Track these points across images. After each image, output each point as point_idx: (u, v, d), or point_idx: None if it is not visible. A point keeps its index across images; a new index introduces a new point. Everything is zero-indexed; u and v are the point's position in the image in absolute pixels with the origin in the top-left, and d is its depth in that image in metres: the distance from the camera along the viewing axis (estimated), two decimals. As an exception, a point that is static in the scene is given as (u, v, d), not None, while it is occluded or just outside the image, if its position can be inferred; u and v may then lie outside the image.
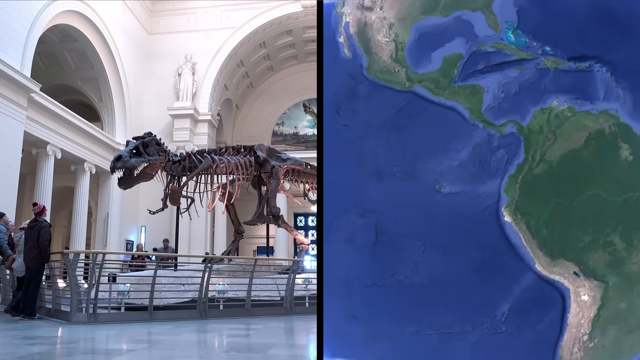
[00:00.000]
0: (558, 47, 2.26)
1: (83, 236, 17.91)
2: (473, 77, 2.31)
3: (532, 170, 2.20)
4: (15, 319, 7.57)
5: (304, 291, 9.47)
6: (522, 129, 2.24)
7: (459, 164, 2.25)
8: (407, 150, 2.30)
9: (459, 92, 2.30)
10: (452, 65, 2.33)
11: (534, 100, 2.24)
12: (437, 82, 2.33)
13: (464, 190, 2.23)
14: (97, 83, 19.50)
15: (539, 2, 2.31)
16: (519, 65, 2.28)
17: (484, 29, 2.32)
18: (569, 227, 2.14)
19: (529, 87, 2.25)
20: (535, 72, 2.26)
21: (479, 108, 2.28)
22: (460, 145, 2.27)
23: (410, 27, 2.40)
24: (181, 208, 9.30)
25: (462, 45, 2.34)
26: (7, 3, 13.27)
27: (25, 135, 14.05)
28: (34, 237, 7.65)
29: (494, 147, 2.24)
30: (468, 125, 2.27)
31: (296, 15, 21.91)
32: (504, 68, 2.29)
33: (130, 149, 7.89)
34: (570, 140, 2.20)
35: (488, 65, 2.30)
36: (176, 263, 10.28)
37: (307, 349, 5.22)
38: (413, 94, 2.34)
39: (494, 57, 2.30)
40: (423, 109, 2.32)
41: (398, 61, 2.40)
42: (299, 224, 26.05)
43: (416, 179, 2.27)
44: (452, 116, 2.30)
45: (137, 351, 4.92)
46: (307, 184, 11.22)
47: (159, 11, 22.72)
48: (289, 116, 26.54)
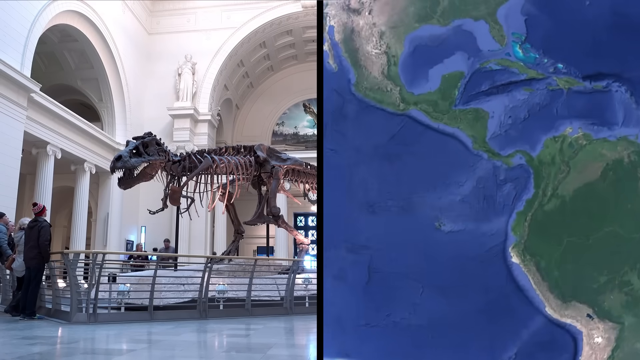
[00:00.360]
0: (572, 64, 2.01)
1: (83, 236, 17.91)
2: (476, 100, 2.06)
3: (542, 206, 1.99)
4: (15, 319, 7.57)
5: (304, 291, 9.47)
6: (532, 161, 2.00)
7: (461, 199, 2.03)
8: (403, 182, 2.07)
9: (461, 117, 2.06)
10: (452, 85, 2.08)
11: (545, 127, 2.00)
12: (436, 105, 2.08)
13: (466, 229, 2.02)
14: (97, 83, 19.51)
15: (550, 9, 2.04)
16: (528, 86, 2.03)
17: (488, 42, 2.06)
18: (582, 267, 1.95)
19: (539, 111, 2.02)
20: (546, 94, 2.01)
21: (483, 136, 2.04)
22: (462, 178, 2.04)
23: (403, 38, 2.13)
24: (181, 208, 9.30)
25: (463, 61, 2.08)
26: (7, 3, 13.27)
27: (25, 135, 14.05)
28: (34, 237, 7.65)
29: (501, 180, 2.02)
30: (471, 155, 2.04)
31: (296, 15, 21.91)
32: (511, 89, 2.04)
33: (130, 149, 7.89)
34: (586, 172, 1.98)
35: (493, 86, 2.05)
36: (176, 263, 10.28)
37: (307, 349, 5.22)
38: (408, 117, 2.10)
39: (500, 76, 2.05)
40: (420, 135, 2.08)
41: (391, 78, 2.13)
42: (299, 224, 26.05)
43: (413, 215, 2.05)
44: (452, 145, 2.05)
45: (137, 351, 4.92)
46: (307, 184, 11.22)
47: (159, 11, 22.72)
48: (289, 116, 26.54)
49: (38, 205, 8.17)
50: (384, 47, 2.16)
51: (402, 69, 2.14)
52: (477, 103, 2.07)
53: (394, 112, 2.12)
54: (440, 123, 2.08)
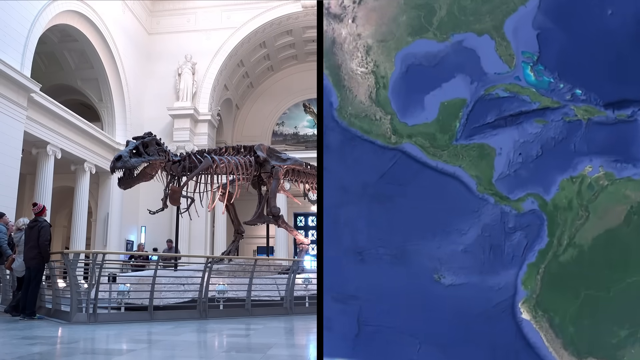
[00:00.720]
0: (592, 89, 1.73)
1: (83, 236, 17.92)
2: (481, 134, 1.79)
3: (557, 257, 1.76)
4: (15, 319, 7.57)
5: (304, 291, 9.47)
6: (546, 205, 1.76)
7: (464, 249, 1.80)
8: (395, 228, 1.83)
9: (463, 154, 1.80)
10: (452, 115, 1.81)
11: (561, 165, 1.75)
12: (433, 139, 1.82)
13: (470, 282, 1.79)
14: (97, 83, 19.51)
15: (566, 21, 1.75)
16: (541, 117, 1.76)
17: (494, 63, 1.78)
18: (601, 321, 1.75)
19: (554, 147, 1.75)
20: (562, 127, 1.75)
21: (489, 177, 1.79)
22: (464, 225, 1.79)
23: (394, 54, 1.85)
24: (181, 208, 9.30)
25: (465, 86, 1.80)
26: (7, 3, 13.28)
27: (25, 135, 14.05)
28: (34, 237, 7.65)
29: (509, 228, 1.77)
30: (475, 199, 1.79)
31: (296, 15, 21.92)
32: (521, 121, 1.77)
33: (130, 149, 7.90)
34: (607, 217, 1.73)
35: (501, 116, 1.78)
36: (176, 263, 10.28)
37: (307, 349, 5.22)
38: (401, 152, 1.83)
39: (509, 105, 1.78)
40: (415, 174, 1.82)
41: (380, 104, 1.85)
42: (299, 224, 26.05)
43: (408, 265, 1.82)
44: (453, 186, 1.80)
45: (137, 351, 4.92)
46: (307, 184, 11.22)
47: (159, 11, 22.73)
48: (289, 116, 26.55)
49: (38, 205, 8.17)
50: (371, 65, 1.87)
51: (392, 94, 1.85)
52: (482, 137, 1.80)
53: (384, 145, 1.85)
54: (439, 161, 1.82)
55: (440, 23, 1.83)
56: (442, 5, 1.86)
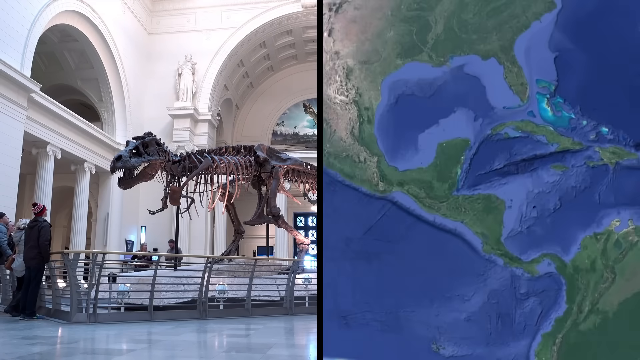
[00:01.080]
0: (621, 127, 1.44)
1: (83, 236, 17.92)
2: (487, 183, 1.52)
3: (577, 325, 1.51)
4: (15, 319, 7.57)
5: (304, 291, 9.47)
6: (565, 268, 1.50)
7: (467, 317, 1.54)
8: (385, 291, 1.57)
9: (466, 207, 1.53)
10: (452, 159, 1.52)
11: (584, 220, 1.49)
12: (430, 188, 1.53)
13: (475, 354, 1.54)
14: (97, 83, 19.51)
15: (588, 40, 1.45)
16: (560, 161, 1.48)
17: (503, 94, 1.48)
18: None
19: (575, 198, 1.49)
20: (585, 173, 1.48)
21: (497, 234, 1.53)
22: (468, 290, 1.54)
23: (380, 81, 1.53)
24: (181, 208, 9.30)
25: (467, 123, 1.50)
26: (7, 3, 13.27)
27: (25, 135, 14.05)
28: (34, 237, 7.65)
29: (521, 294, 1.52)
30: (480, 260, 1.53)
31: (296, 15, 21.92)
32: (536, 167, 1.49)
33: (130, 149, 7.90)
34: (636, 279, 1.48)
35: (511, 161, 1.50)
36: (176, 263, 10.29)
37: (307, 349, 5.22)
38: (391, 203, 1.55)
39: (521, 147, 1.49)
40: (408, 229, 1.54)
41: (364, 143, 1.56)
42: (299, 224, 26.05)
43: (400, 333, 1.57)
44: (454, 245, 1.54)
45: (137, 351, 4.92)
46: (307, 184, 11.22)
47: (159, 11, 22.73)
48: (289, 116, 26.54)
49: (38, 205, 8.17)
50: (352, 93, 1.57)
51: (379, 130, 1.54)
52: (489, 187, 1.52)
53: (370, 193, 1.56)
54: (436, 214, 1.53)
55: (437, 42, 1.49)
56: (438, 18, 1.55)
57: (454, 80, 1.50)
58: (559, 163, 1.50)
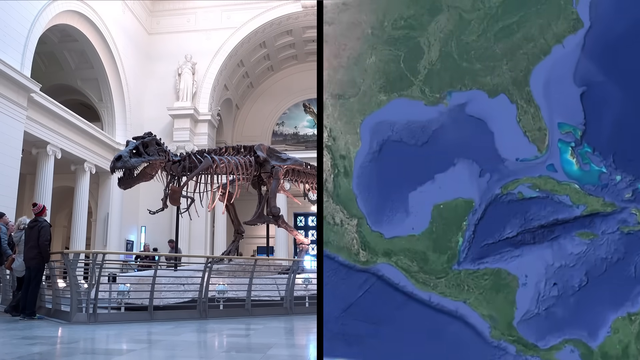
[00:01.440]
0: None
1: (83, 236, 17.92)
2: (496, 254, 1.22)
3: None
4: (15, 319, 7.57)
5: (304, 291, 9.47)
6: (591, 355, 1.22)
7: None
8: None
9: (469, 285, 1.23)
10: (452, 225, 1.21)
11: (615, 298, 1.20)
12: (424, 260, 1.23)
13: None
14: (97, 83, 19.52)
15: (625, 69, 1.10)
16: (587, 227, 1.18)
17: (516, 142, 1.16)
18: None
19: (605, 272, 1.20)
20: (618, 241, 1.18)
21: (509, 317, 1.24)
22: None
23: (359, 121, 1.23)
24: (181, 208, 9.31)
25: (471, 179, 1.19)
26: (7, 3, 13.28)
27: (25, 135, 14.05)
28: (34, 237, 7.65)
29: None
30: (487, 348, 1.24)
31: (296, 15, 21.92)
32: (557, 235, 1.19)
33: (130, 149, 7.90)
34: None
35: (526, 228, 1.19)
36: (176, 263, 10.29)
37: (307, 349, 5.22)
38: (376, 277, 1.27)
39: (538, 209, 1.19)
40: (397, 308, 1.26)
41: (340, 201, 1.29)
42: (299, 224, 26.05)
43: None
44: (455, 330, 1.25)
45: (137, 351, 4.92)
46: (307, 184, 11.23)
47: (159, 11, 22.73)
48: (289, 116, 26.54)
49: (38, 205, 8.17)
50: (324, 136, 1.28)
51: (359, 186, 1.24)
52: (498, 260, 1.22)
53: (349, 264, 1.29)
54: (432, 292, 1.23)
55: (431, 72, 1.16)
56: (432, 41, 1.19)
57: (454, 124, 1.19)
58: (586, 230, 1.20)
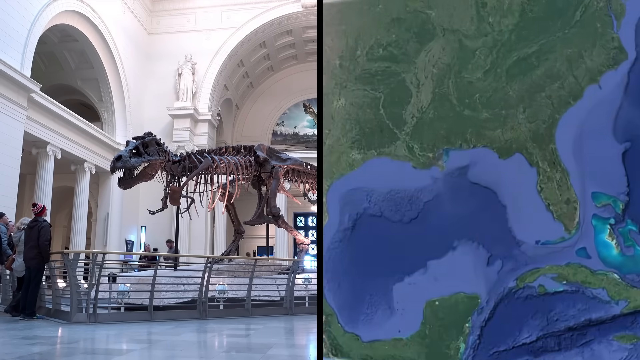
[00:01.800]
0: None
1: (83, 236, 17.92)
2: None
3: None
4: (15, 319, 7.57)
5: (304, 291, 9.47)
6: None
7: None
8: None
9: None
10: (452, 327, 0.97)
11: None
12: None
13: None
14: (97, 83, 19.52)
15: None
16: (630, 329, 0.91)
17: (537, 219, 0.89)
18: None
19: None
20: None
21: None
22: None
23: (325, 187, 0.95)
24: (181, 208, 9.30)
25: (476, 270, 0.93)
26: (7, 3, 13.27)
27: (25, 135, 14.05)
28: (34, 237, 7.65)
29: None
30: None
31: (296, 15, 21.92)
32: (591, 339, 0.91)
33: (130, 149, 7.90)
34: None
35: (550, 331, 0.91)
36: (176, 263, 10.29)
37: (307, 349, 5.22)
38: None
39: (566, 307, 0.91)
40: None
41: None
42: (299, 224, 26.04)
43: None
44: None
45: (137, 351, 4.92)
46: (307, 184, 11.22)
47: (159, 11, 22.73)
48: (289, 116, 26.54)
49: (38, 205, 8.17)
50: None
51: (326, 273, 0.99)
52: None
53: None
54: None
55: (421, 122, 0.85)
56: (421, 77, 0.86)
57: (452, 194, 0.89)
58: (627, 332, 0.89)
